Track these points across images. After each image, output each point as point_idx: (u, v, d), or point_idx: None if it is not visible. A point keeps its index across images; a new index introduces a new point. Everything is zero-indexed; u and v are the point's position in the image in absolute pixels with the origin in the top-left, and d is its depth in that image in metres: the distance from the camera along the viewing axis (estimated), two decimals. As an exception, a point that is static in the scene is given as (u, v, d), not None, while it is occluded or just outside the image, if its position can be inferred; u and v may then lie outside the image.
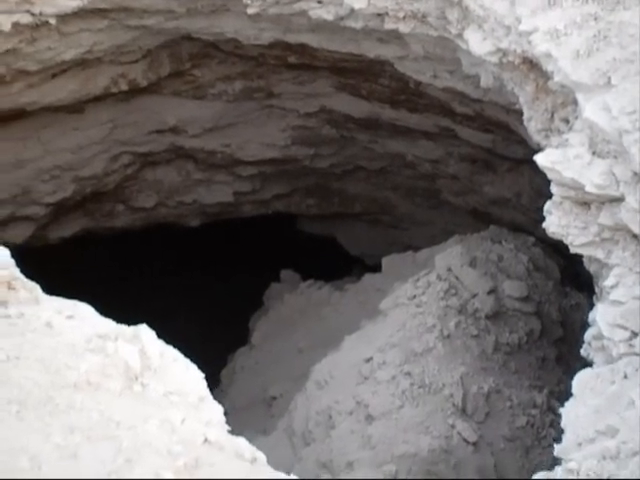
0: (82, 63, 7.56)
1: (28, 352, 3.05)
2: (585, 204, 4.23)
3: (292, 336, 8.53)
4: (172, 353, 3.46)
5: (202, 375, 3.41)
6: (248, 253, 11.64)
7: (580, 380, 3.77)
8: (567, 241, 4.28)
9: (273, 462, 6.68)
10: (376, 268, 10.02)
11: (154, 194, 9.74)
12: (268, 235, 11.29)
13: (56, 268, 11.48)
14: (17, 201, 8.81)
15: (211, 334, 11.25)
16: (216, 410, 3.29)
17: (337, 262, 11.03)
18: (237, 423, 8.30)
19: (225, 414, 8.79)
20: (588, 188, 4.02)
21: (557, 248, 7.24)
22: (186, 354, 10.36)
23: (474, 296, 6.51)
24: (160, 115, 8.76)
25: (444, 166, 8.92)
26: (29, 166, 8.63)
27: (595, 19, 4.32)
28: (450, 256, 6.77)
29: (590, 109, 4.08)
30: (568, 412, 3.65)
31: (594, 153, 4.09)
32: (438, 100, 7.52)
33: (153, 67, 8.11)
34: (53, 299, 3.68)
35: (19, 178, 8.66)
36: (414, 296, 6.49)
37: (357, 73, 7.84)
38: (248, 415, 8.23)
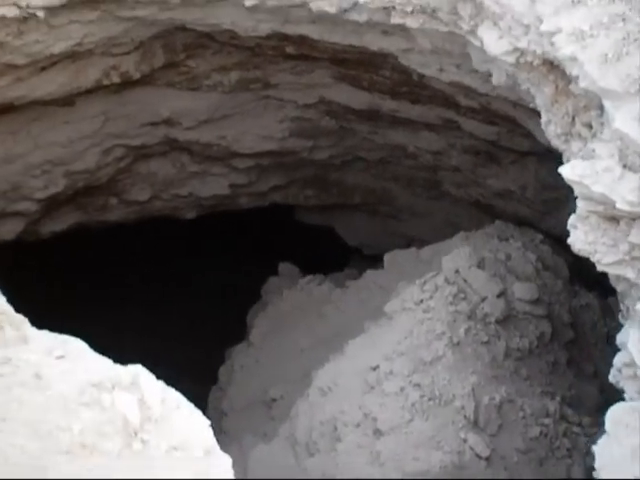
0: (72, 56, 7.19)
1: (15, 412, 2.71)
2: (614, 219, 3.89)
3: (292, 334, 8.25)
4: (174, 398, 3.13)
5: (207, 422, 3.08)
6: (245, 245, 11.36)
7: (614, 415, 3.44)
8: (594, 259, 3.95)
9: (275, 471, 6.43)
10: (374, 258, 9.78)
11: (148, 187, 9.41)
12: (265, 226, 10.99)
13: (50, 263, 11.24)
14: (7, 197, 8.46)
15: (208, 328, 10.99)
16: (224, 464, 2.95)
17: (335, 253, 10.78)
18: (236, 425, 8.12)
19: (224, 414, 8.51)
20: (619, 205, 3.69)
21: (564, 244, 7.00)
22: (182, 349, 10.15)
23: (483, 300, 6.22)
24: (153, 107, 8.40)
25: (446, 158, 8.61)
26: (19, 161, 8.28)
27: (623, 20, 3.97)
28: (457, 257, 6.47)
29: (620, 119, 3.74)
30: (602, 452, 3.33)
31: (625, 166, 3.75)
32: (442, 93, 7.19)
33: (146, 58, 7.73)
34: (42, 335, 3.34)
35: (9, 174, 8.31)
36: (421, 300, 6.20)
37: (358, 64, 7.48)
38: (247, 417, 7.98)
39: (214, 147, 8.91)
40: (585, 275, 6.83)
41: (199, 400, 9.43)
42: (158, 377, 10.53)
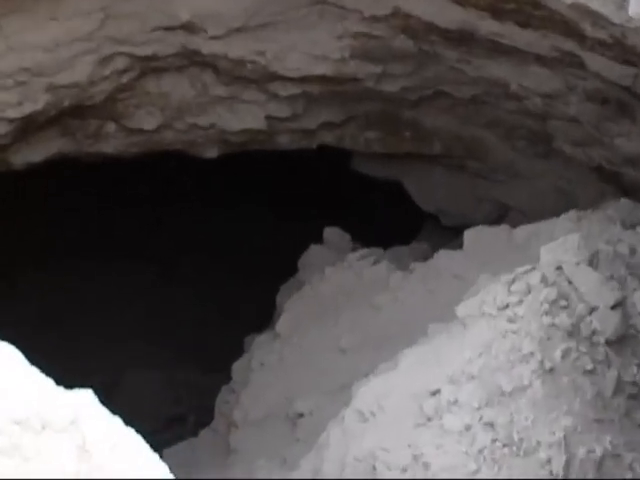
0: None
1: None
2: None
3: (332, 328, 8.14)
4: (128, 442, 2.95)
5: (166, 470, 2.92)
6: (281, 200, 11.28)
7: None
8: None
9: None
10: (454, 230, 9.65)
11: (157, 112, 9.28)
12: (311, 176, 10.87)
13: (23, 201, 11.28)
14: (-32, 113, 8.39)
15: (228, 305, 10.98)
16: None
17: (402, 217, 10.66)
18: (248, 442, 8.04)
19: (234, 426, 8.46)
20: None
21: None
22: (193, 329, 10.16)
23: (592, 311, 5.98)
24: (170, 6, 8.23)
25: (562, 104, 8.33)
26: (-14, 67, 8.20)
27: None
28: (562, 248, 6.21)
29: None
30: None
31: None
32: (561, 16, 6.91)
33: (164, -59, 7.58)
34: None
35: (-29, 83, 8.23)
36: (506, 305, 5.99)
37: (449, -31, 7.24)
38: (264, 433, 7.92)
39: (248, 65, 8.72)
40: None
41: (208, 398, 9.40)
42: (159, 363, 10.55)
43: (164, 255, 12.15)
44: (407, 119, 9.67)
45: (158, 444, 10.45)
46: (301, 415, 7.69)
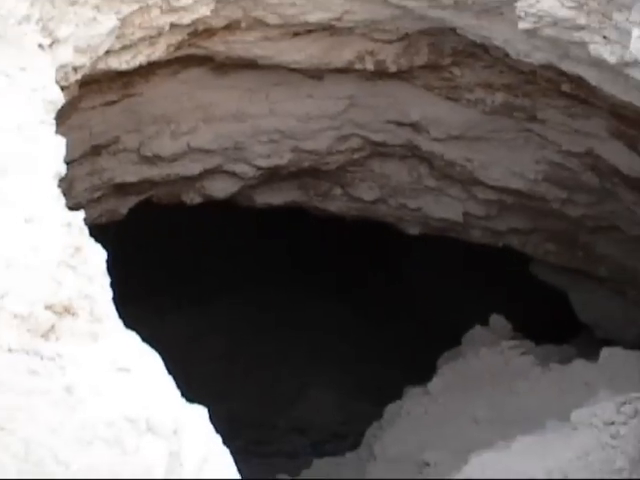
0: (329, 29, 7.04)
1: (19, 424, 2.51)
2: None
3: (473, 399, 7.81)
4: (219, 458, 2.83)
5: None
6: (467, 281, 11.04)
7: None
8: None
9: None
10: (604, 343, 9.17)
11: (377, 188, 9.23)
12: (493, 269, 10.55)
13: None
14: (227, 154, 8.51)
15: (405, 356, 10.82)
16: None
17: (562, 321, 10.20)
18: (380, 475, 7.83)
19: (373, 457, 8.24)
20: None
21: None
22: (368, 369, 9.92)
23: (686, 446, 5.50)
24: (404, 107, 8.17)
25: None
26: (249, 122, 8.30)
27: None
28: (675, 384, 5.78)
29: None
30: None
31: None
32: None
33: (408, 53, 7.48)
34: (120, 335, 3.13)
35: (235, 132, 8.35)
36: (612, 422, 5.57)
37: (638, 125, 6.87)
38: (394, 470, 7.68)
39: (457, 167, 8.57)
40: None
41: (365, 421, 9.16)
42: (338, 388, 10.31)
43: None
44: (582, 241, 9.30)
45: (315, 452, 10.41)
46: (427, 464, 7.41)
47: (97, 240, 3.49)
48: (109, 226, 8.38)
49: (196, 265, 12.44)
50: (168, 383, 3.05)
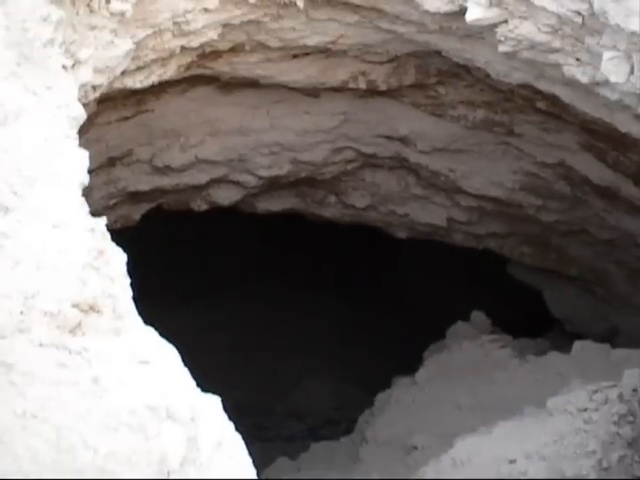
0: (325, 51, 7.05)
1: (49, 412, 2.51)
2: None
3: (457, 389, 7.79)
4: (233, 443, 2.84)
5: (254, 473, 2.77)
6: (447, 280, 11.02)
7: None
8: None
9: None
10: (575, 336, 9.17)
11: (368, 196, 9.23)
12: (474, 270, 10.55)
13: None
14: (232, 166, 8.52)
15: (394, 349, 10.80)
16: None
17: (535, 316, 10.21)
18: (372, 458, 7.81)
19: (365, 441, 8.23)
20: None
21: None
22: (364, 360, 9.91)
23: (652, 431, 5.50)
24: (393, 122, 8.18)
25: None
26: (252, 136, 8.30)
27: None
28: (640, 375, 5.77)
29: None
30: None
31: None
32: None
33: (397, 73, 7.50)
34: (140, 331, 3.13)
35: (239, 145, 8.36)
36: (585, 409, 5.56)
37: (607, 139, 6.89)
38: (384, 454, 7.66)
39: (441, 177, 8.58)
40: None
41: (358, 408, 9.12)
42: (333, 377, 10.26)
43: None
44: (555, 244, 9.30)
45: (311, 437, 10.33)
46: (415, 448, 7.40)
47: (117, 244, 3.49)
48: (124, 231, 8.37)
49: (202, 266, 12.41)
50: (184, 374, 3.05)
